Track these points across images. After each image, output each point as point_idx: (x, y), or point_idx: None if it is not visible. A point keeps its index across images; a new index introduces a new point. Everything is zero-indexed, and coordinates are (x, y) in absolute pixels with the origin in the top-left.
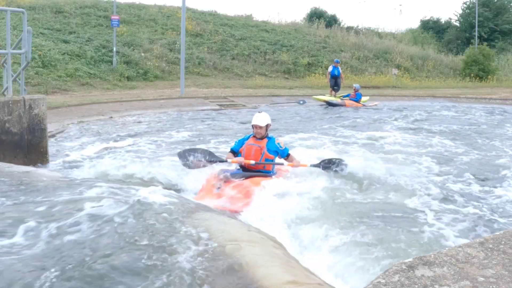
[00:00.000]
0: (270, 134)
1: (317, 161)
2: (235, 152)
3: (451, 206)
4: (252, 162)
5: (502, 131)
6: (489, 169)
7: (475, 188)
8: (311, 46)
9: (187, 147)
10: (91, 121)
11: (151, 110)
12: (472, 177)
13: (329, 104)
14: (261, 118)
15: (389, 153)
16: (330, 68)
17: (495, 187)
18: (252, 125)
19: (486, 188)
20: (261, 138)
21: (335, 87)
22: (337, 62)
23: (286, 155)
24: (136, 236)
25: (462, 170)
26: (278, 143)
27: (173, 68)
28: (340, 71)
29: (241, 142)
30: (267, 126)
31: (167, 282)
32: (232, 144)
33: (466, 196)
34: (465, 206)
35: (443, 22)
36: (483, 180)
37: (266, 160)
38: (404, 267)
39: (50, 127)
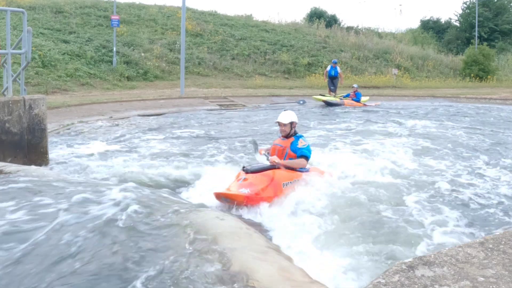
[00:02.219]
0: (299, 133)
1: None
2: None
3: (451, 206)
4: (276, 159)
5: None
6: (491, 167)
7: (476, 187)
8: (311, 46)
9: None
10: (91, 121)
11: (151, 110)
12: (473, 175)
13: (328, 104)
14: (284, 115)
15: (390, 151)
16: (328, 68)
17: (497, 186)
18: (276, 122)
19: (487, 187)
20: (287, 137)
21: (332, 87)
22: (335, 62)
23: (299, 156)
24: (133, 235)
25: (463, 168)
26: (298, 143)
27: (173, 68)
28: (339, 71)
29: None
30: (291, 124)
31: (159, 281)
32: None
33: (466, 196)
34: (465, 205)
35: (443, 22)
36: (484, 179)
37: (290, 159)
38: (404, 267)
39: (50, 127)
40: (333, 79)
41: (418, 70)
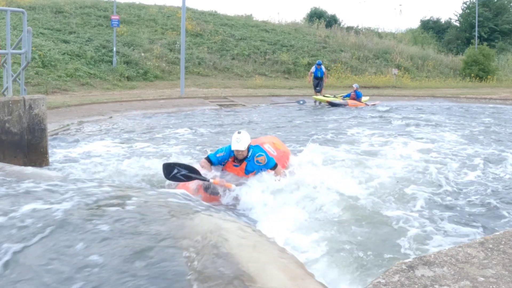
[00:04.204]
0: (250, 150)
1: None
2: (211, 162)
3: (451, 206)
4: (233, 187)
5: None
6: (491, 166)
7: (476, 187)
8: (311, 46)
9: (173, 161)
10: (91, 121)
11: (151, 110)
12: (473, 175)
13: (332, 104)
14: (241, 142)
15: (391, 150)
16: (312, 69)
17: (497, 185)
18: (233, 151)
19: (487, 186)
20: (242, 160)
21: (317, 88)
22: (319, 64)
23: (272, 167)
24: (132, 235)
25: (463, 168)
26: (257, 161)
27: (173, 68)
28: (324, 71)
29: (221, 157)
30: (248, 147)
31: (163, 282)
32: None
33: (466, 195)
34: (465, 205)
35: (443, 22)
36: (484, 178)
37: None
38: (404, 267)
39: (50, 127)
40: (319, 80)
41: (418, 70)
